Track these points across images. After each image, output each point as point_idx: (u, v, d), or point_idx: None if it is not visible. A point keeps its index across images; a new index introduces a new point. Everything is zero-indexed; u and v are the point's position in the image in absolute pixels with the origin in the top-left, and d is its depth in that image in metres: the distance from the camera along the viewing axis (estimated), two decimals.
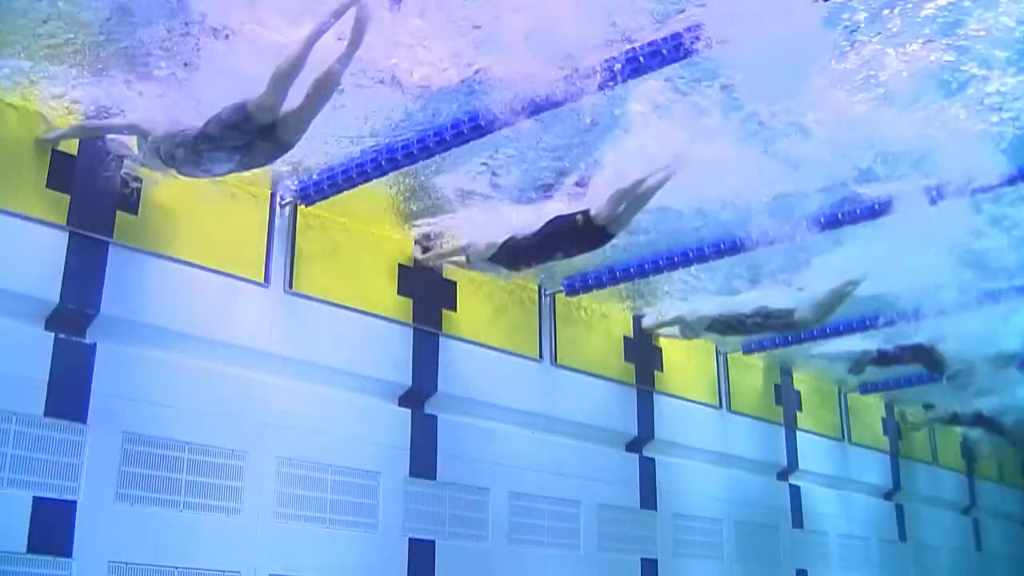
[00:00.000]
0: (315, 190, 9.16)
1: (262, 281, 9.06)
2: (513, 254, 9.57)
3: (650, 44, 7.17)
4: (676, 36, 7.05)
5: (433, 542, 9.88)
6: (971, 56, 7.57)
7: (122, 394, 8.03)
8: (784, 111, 8.25)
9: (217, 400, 8.60)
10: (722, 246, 10.39)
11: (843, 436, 16.27)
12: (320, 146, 8.51)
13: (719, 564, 13.33)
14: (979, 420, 16.51)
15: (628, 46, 7.25)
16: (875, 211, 9.63)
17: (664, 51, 7.12)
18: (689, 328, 12.36)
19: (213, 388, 8.62)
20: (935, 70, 7.70)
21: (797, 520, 15.01)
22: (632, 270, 10.99)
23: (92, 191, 7.97)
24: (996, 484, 20.84)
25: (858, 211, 9.70)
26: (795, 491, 15.10)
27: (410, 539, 9.70)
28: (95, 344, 7.96)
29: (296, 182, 9.20)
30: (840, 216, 9.78)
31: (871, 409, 16.74)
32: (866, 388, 16.14)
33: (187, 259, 8.55)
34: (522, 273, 10.41)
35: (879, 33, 7.33)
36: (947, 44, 7.44)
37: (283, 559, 8.71)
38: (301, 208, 9.44)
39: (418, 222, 10.10)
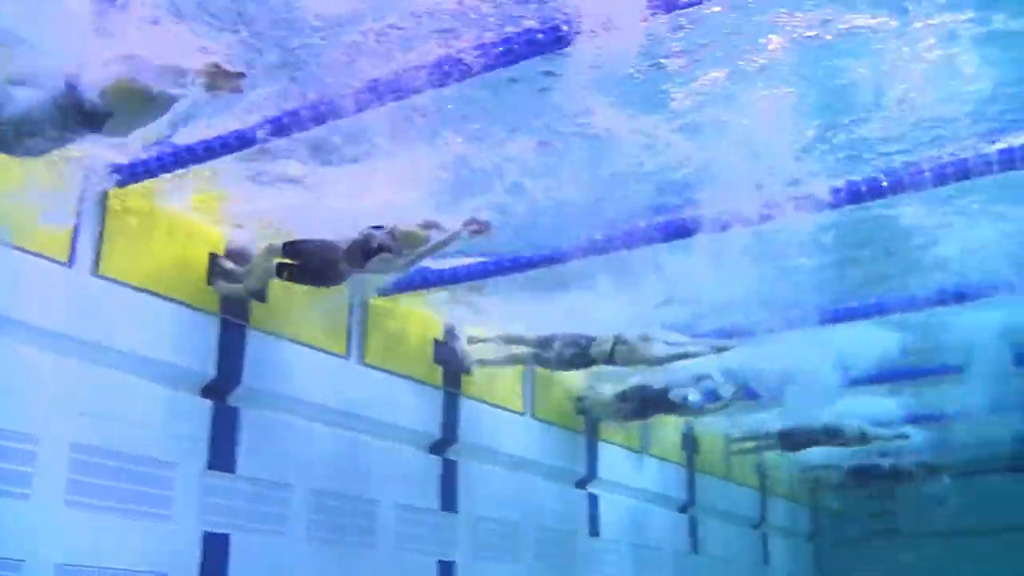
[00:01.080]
0: (129, 172, 8.94)
1: (66, 261, 8.76)
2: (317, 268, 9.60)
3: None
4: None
5: (228, 536, 9.76)
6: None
7: None
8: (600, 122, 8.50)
9: (10, 382, 8.28)
10: (536, 258, 10.49)
11: (642, 448, 16.60)
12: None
13: (516, 568, 13.50)
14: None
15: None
16: (688, 229, 9.85)
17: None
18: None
19: (6, 369, 8.28)
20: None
21: (594, 528, 15.29)
22: (446, 275, 11.04)
23: None
24: (785, 501, 21.60)
25: (671, 228, 9.91)
26: (593, 500, 15.37)
27: (204, 532, 9.56)
28: None
29: (110, 162, 8.94)
30: (655, 232, 9.98)
31: (670, 423, 17.09)
32: None
33: None
34: None
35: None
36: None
37: (71, 549, 8.46)
38: (114, 190, 9.19)
39: (234, 214, 9.99)
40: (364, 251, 9.20)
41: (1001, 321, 12.25)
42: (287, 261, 9.58)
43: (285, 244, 9.53)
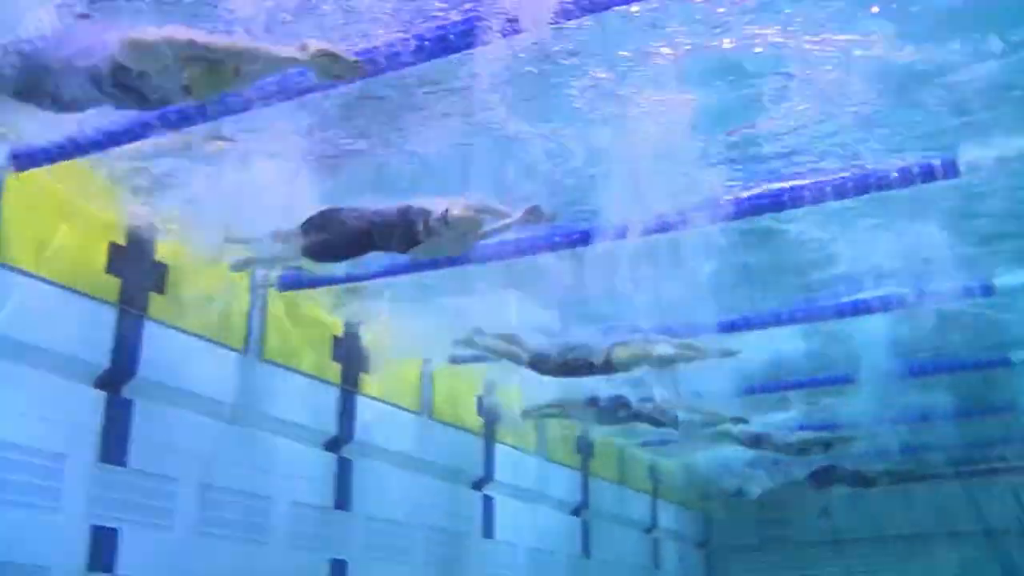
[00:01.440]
0: (28, 158, 8.77)
1: None
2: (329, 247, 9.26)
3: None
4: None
5: (116, 530, 9.61)
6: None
7: None
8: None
9: None
10: (440, 259, 10.42)
11: (538, 451, 16.68)
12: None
13: (409, 569, 13.47)
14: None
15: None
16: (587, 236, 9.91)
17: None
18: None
19: None
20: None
21: (488, 530, 15.32)
22: (347, 273, 10.98)
23: None
24: (677, 506, 21.87)
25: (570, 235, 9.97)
26: (488, 501, 15.40)
27: (92, 526, 9.41)
28: None
29: (8, 146, 8.78)
30: (555, 238, 10.04)
31: (567, 426, 17.17)
32: None
33: None
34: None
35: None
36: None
37: None
38: (12, 175, 9.01)
39: (139, 201, 9.85)
40: (409, 235, 8.83)
41: (895, 333, 12.51)
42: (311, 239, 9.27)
43: (307, 220, 9.21)
